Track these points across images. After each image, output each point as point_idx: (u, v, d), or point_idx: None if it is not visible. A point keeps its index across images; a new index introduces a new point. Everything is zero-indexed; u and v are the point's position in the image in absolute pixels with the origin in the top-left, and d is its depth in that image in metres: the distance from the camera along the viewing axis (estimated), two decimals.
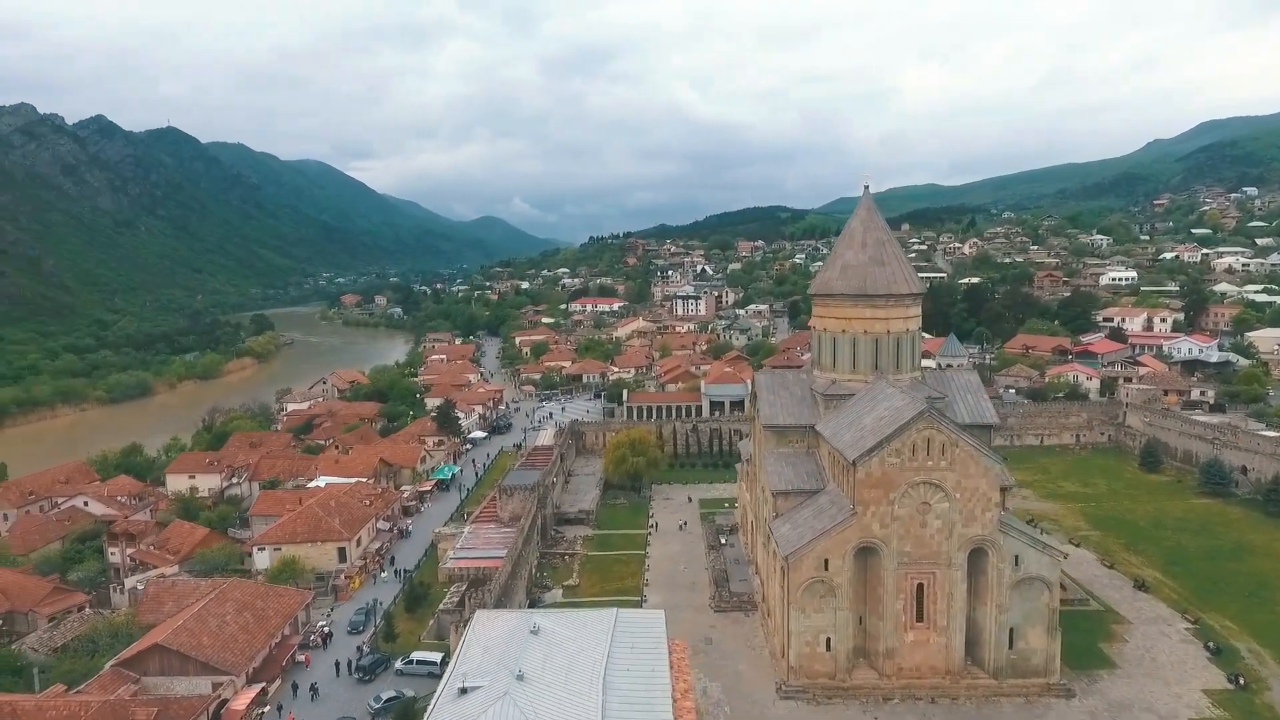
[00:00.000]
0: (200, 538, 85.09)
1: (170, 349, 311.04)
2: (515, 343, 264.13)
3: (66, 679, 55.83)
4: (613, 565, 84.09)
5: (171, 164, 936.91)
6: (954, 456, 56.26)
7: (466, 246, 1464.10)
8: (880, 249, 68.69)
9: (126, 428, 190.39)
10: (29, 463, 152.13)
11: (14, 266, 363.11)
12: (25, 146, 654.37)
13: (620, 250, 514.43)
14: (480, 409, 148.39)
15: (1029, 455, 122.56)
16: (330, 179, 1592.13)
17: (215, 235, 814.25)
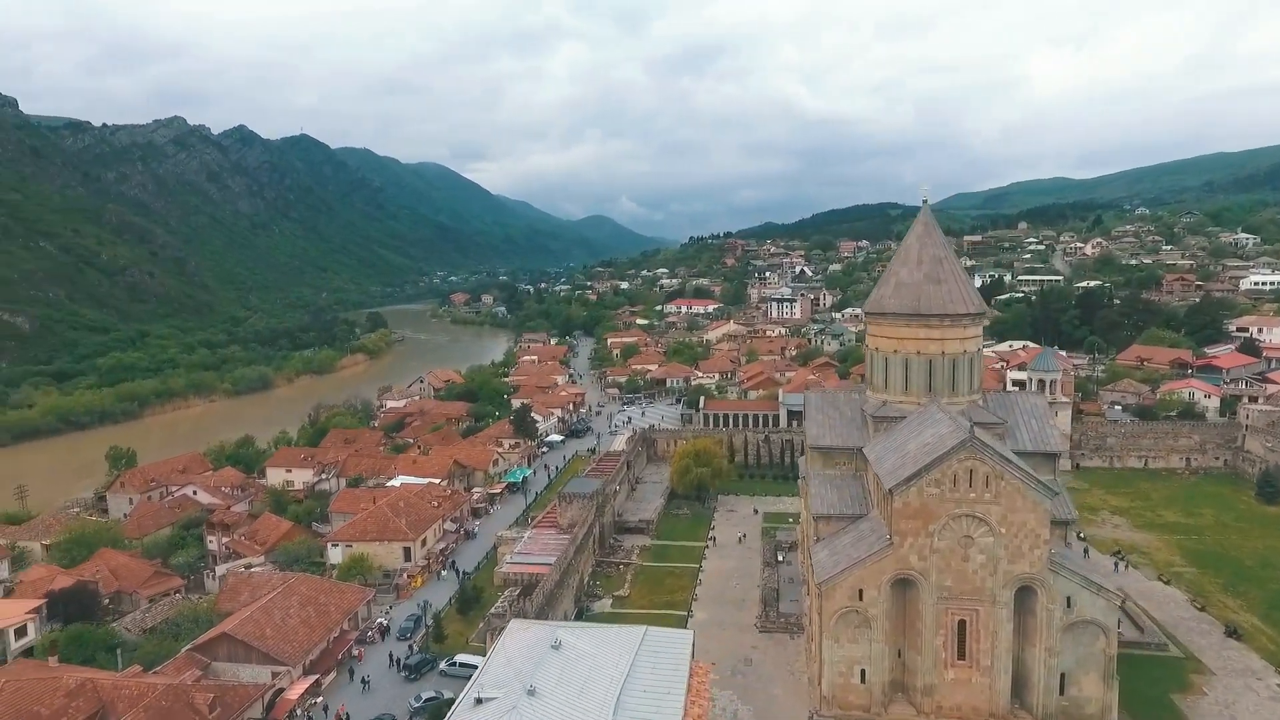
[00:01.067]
0: (285, 530, 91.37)
1: (292, 344, 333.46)
2: (607, 344, 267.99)
3: (147, 659, 61.49)
4: (665, 577, 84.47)
5: (303, 169, 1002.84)
6: (999, 489, 53.48)
7: (574, 245, 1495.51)
8: (937, 266, 66.00)
9: (247, 419, 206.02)
10: (162, 449, 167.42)
11: (163, 268, 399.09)
12: (177, 155, 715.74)
13: (719, 251, 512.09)
14: (559, 412, 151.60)
15: (1129, 479, 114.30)
16: (447, 181, 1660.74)
17: (340, 236, 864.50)
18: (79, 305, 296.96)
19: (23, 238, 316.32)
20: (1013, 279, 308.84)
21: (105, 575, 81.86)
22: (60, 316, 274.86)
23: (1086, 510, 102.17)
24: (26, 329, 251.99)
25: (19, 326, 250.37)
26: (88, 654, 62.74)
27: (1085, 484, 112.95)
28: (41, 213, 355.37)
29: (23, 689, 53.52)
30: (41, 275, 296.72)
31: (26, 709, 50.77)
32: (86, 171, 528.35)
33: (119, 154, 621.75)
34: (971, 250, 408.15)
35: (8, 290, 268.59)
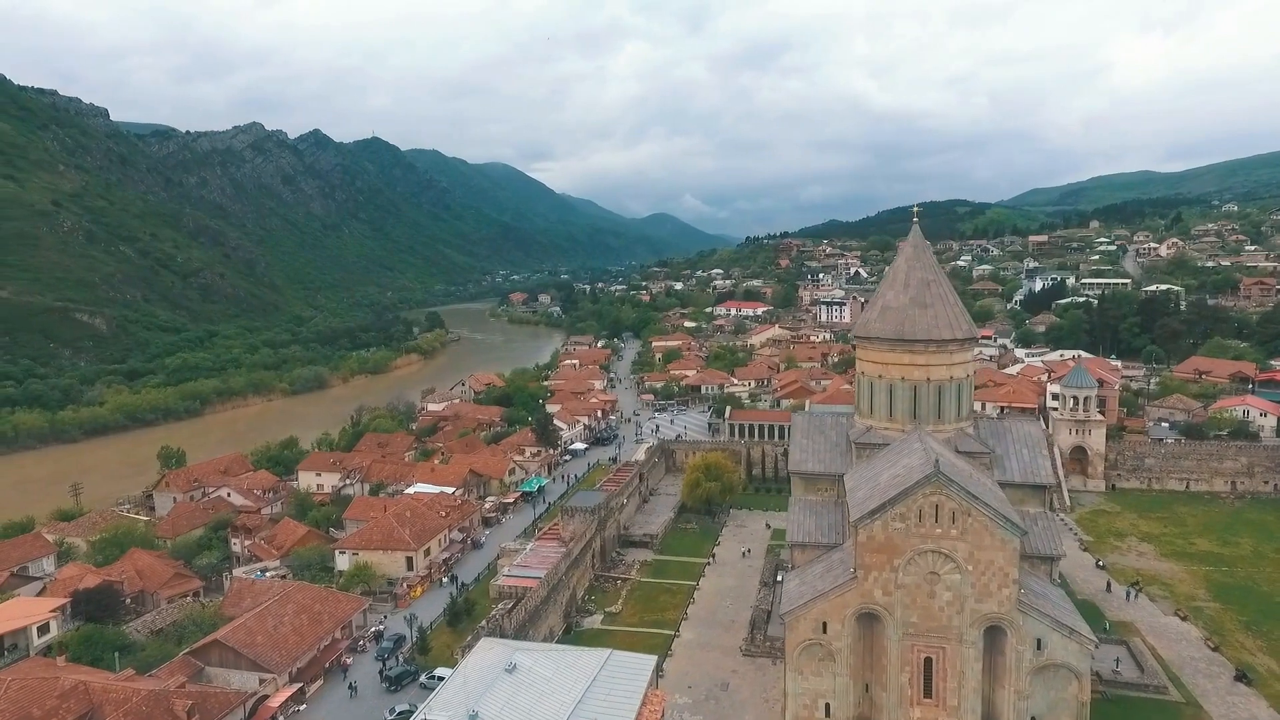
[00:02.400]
0: (300, 536, 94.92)
1: (351, 344, 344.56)
2: (651, 347, 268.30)
3: (147, 662, 64.95)
4: (660, 594, 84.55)
5: (373, 171, 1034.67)
6: (966, 525, 51.88)
7: (637, 243, 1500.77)
8: (924, 290, 64.35)
9: (299, 418, 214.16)
10: (219, 447, 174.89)
11: (234, 270, 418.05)
12: (254, 160, 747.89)
13: (775, 251, 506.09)
14: (586, 419, 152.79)
15: (1165, 502, 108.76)
16: (512, 180, 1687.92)
17: (406, 236, 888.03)
18: (154, 306, 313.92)
19: (105, 242, 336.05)
20: (1076, 282, 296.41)
21: (131, 575, 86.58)
22: (135, 317, 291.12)
23: (1113, 536, 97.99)
24: (104, 329, 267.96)
25: (97, 327, 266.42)
26: (96, 654, 66.58)
27: (1118, 506, 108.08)
28: (125, 218, 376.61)
29: (26, 687, 57.26)
30: (120, 278, 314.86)
31: (23, 708, 54.33)
32: (169, 177, 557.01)
33: (200, 159, 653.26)
34: (1036, 251, 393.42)
35: (89, 292, 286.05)
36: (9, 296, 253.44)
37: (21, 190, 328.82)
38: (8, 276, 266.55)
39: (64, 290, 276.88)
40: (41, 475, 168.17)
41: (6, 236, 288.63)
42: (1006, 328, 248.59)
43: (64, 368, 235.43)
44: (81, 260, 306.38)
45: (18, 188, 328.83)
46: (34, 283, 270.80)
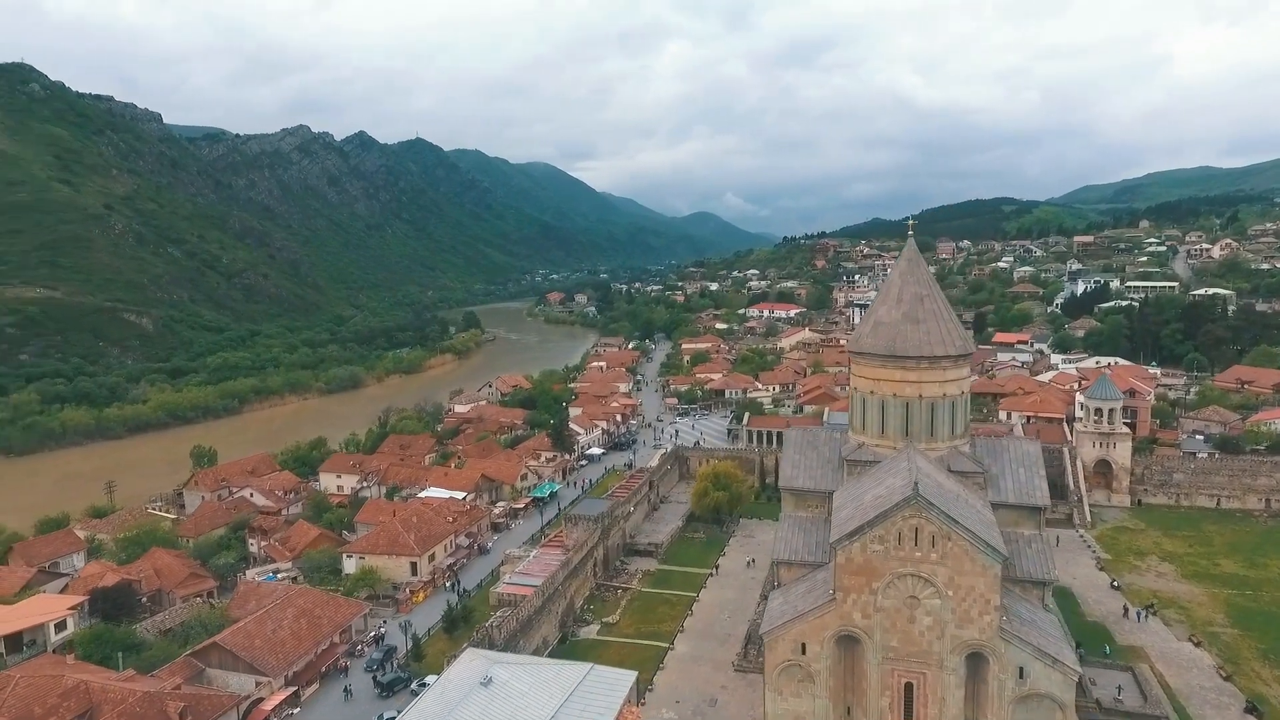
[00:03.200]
0: (312, 538, 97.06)
1: (388, 344, 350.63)
2: (680, 349, 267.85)
3: (151, 662, 67.12)
4: (659, 605, 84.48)
5: (417, 171, 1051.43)
6: (946, 550, 50.89)
7: (678, 242, 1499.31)
8: (917, 305, 63.07)
9: (333, 417, 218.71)
10: (254, 445, 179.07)
11: (278, 270, 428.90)
12: (301, 162, 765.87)
13: (811, 252, 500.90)
14: (604, 424, 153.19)
15: (1194, 520, 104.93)
16: (554, 180, 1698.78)
17: (449, 236, 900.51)
18: (199, 306, 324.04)
19: (154, 244, 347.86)
20: (1120, 285, 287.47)
21: (149, 574, 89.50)
22: (181, 317, 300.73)
23: (1133, 554, 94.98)
24: (150, 329, 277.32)
25: (144, 326, 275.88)
26: (105, 653, 69.04)
27: (1142, 523, 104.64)
28: (174, 220, 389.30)
29: (33, 685, 59.69)
30: (168, 279, 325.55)
31: (27, 705, 56.67)
32: (219, 179, 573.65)
33: (249, 162, 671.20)
34: (1081, 252, 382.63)
35: (137, 293, 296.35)
36: (62, 297, 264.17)
37: (77, 194, 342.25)
38: (61, 277, 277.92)
39: (114, 291, 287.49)
40: (86, 470, 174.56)
41: (61, 239, 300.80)
42: (1045, 332, 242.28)
43: (112, 366, 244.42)
44: (131, 262, 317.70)
45: (73, 192, 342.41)
46: (86, 283, 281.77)
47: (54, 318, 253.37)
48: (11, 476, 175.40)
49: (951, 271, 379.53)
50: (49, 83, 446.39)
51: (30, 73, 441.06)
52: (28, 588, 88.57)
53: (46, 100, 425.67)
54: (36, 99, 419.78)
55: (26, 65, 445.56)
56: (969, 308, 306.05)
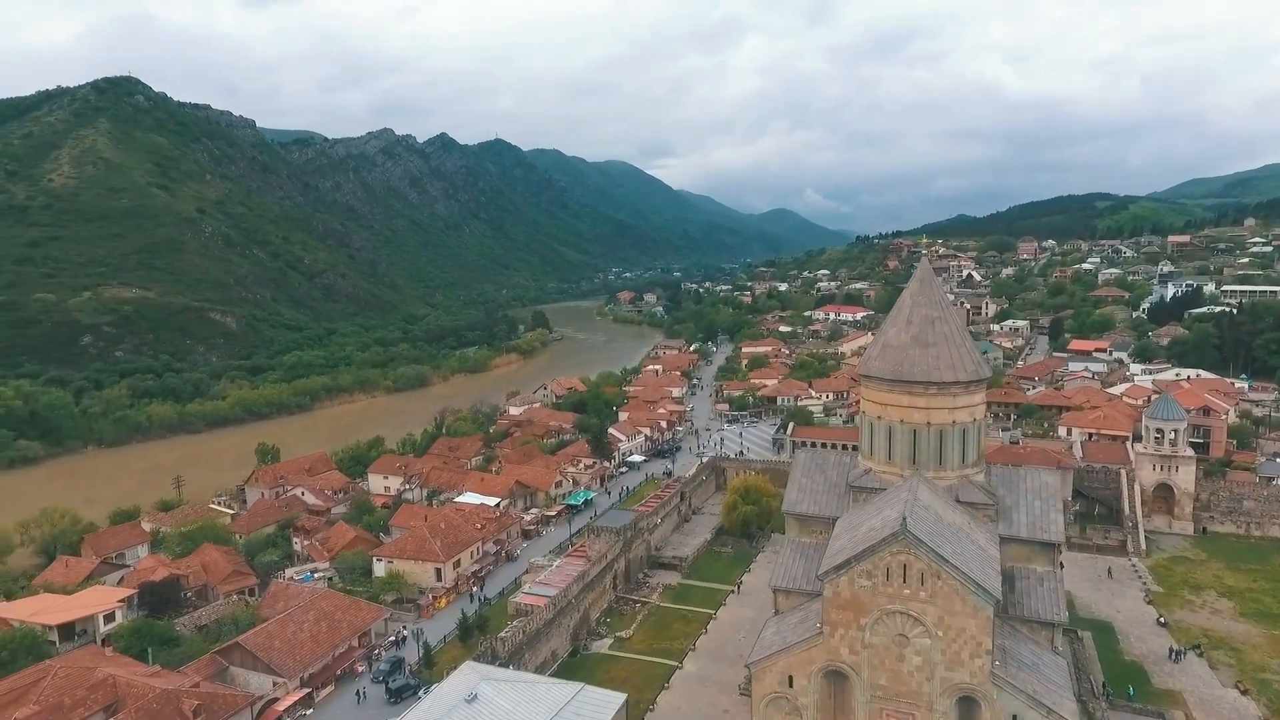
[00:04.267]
0: (349, 540, 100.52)
1: (457, 343, 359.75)
2: (740, 352, 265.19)
3: (178, 657, 70.96)
4: (675, 621, 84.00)
5: (495, 172, 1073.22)
6: (935, 589, 48.96)
7: (753, 240, 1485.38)
8: (927, 327, 60.72)
9: (398, 416, 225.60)
10: (322, 442, 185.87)
11: (356, 270, 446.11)
12: (384, 164, 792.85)
13: (884, 252, 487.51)
14: (648, 430, 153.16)
15: (1263, 552, 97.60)
16: (630, 178, 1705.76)
17: (524, 235, 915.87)
18: (280, 305, 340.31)
19: (241, 246, 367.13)
20: (1215, 289, 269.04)
21: (197, 569, 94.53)
22: (263, 316, 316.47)
23: (1188, 588, 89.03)
24: (234, 327, 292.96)
25: (228, 325, 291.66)
26: (142, 647, 73.37)
27: (1203, 554, 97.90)
28: (261, 223, 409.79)
29: (69, 676, 64.06)
30: (252, 279, 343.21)
31: (58, 695, 60.81)
32: (307, 182, 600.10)
33: (335, 165, 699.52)
34: (1175, 253, 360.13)
35: (224, 293, 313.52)
36: (154, 297, 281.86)
37: (173, 199, 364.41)
38: (155, 278, 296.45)
39: (202, 291, 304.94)
40: (166, 463, 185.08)
41: (158, 242, 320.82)
42: (1126, 340, 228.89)
43: (197, 363, 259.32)
44: (219, 263, 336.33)
45: (169, 197, 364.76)
46: (177, 284, 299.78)
47: (147, 317, 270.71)
48: (102, 467, 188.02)
49: (1031, 273, 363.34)
50: (152, 94, 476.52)
51: (136, 85, 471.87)
52: (90, 578, 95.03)
53: (149, 110, 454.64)
54: (141, 109, 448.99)
55: (133, 78, 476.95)
56: (1046, 312, 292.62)
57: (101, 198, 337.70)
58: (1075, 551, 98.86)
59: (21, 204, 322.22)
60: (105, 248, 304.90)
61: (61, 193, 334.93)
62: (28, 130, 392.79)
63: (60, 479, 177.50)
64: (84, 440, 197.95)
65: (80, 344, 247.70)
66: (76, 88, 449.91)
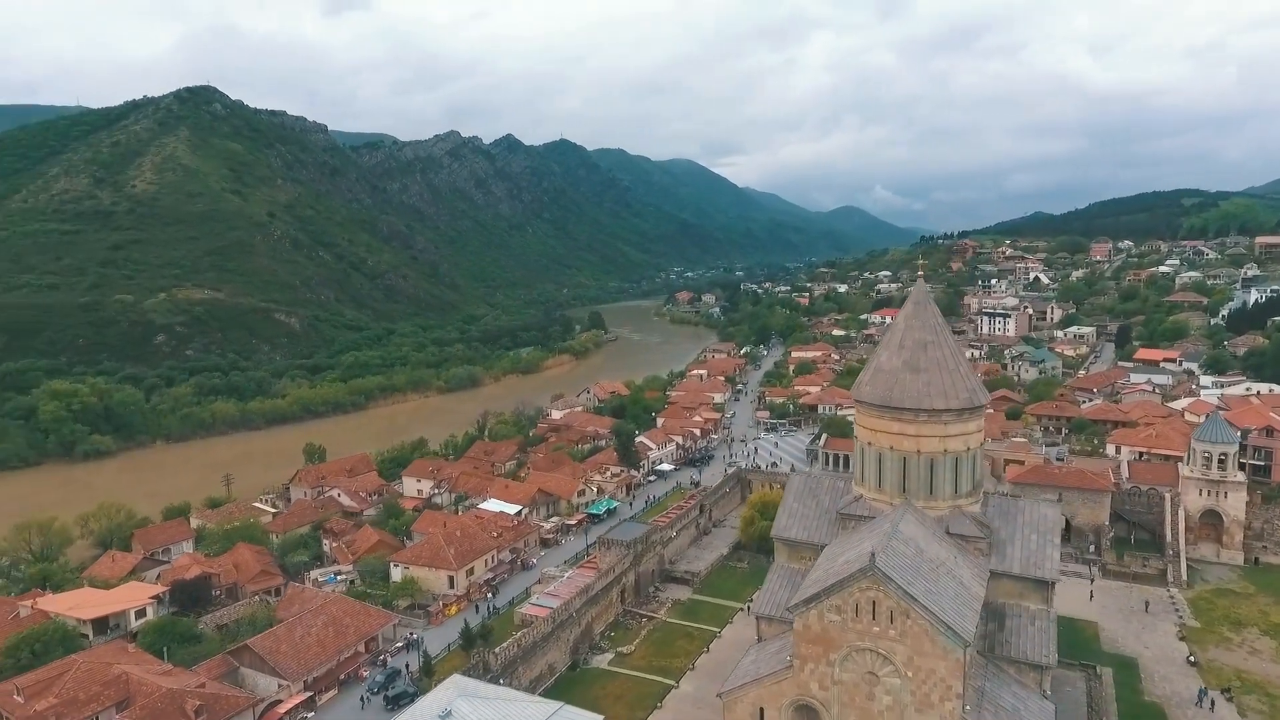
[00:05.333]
0: (373, 543, 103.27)
1: (512, 343, 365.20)
2: (789, 357, 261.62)
3: (195, 656, 74.25)
4: (679, 638, 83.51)
5: (559, 172, 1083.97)
6: (905, 627, 47.56)
7: (819, 238, 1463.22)
8: (919, 353, 58.98)
9: (447, 416, 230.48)
10: (369, 442, 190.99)
11: (418, 271, 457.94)
12: (451, 166, 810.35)
13: (948, 253, 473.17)
14: (680, 438, 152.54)
15: None
16: (695, 177, 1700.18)
17: (586, 234, 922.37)
18: (343, 306, 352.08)
19: (308, 248, 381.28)
20: None
21: (229, 568, 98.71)
22: (325, 316, 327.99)
23: (1228, 624, 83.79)
24: (297, 327, 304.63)
25: (291, 325, 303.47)
26: (164, 644, 77.08)
27: (1252, 587, 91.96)
28: (328, 225, 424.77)
29: (89, 671, 67.83)
30: (317, 280, 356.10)
31: (75, 690, 64.47)
32: (375, 184, 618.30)
33: (403, 167, 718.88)
34: (1264, 255, 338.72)
35: (289, 294, 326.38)
36: (224, 298, 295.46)
37: (245, 204, 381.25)
38: (226, 280, 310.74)
39: (270, 292, 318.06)
40: (226, 459, 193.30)
41: (229, 245, 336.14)
42: (1199, 349, 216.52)
43: (261, 362, 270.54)
44: (286, 265, 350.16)
45: (242, 201, 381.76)
46: (246, 285, 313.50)
47: (216, 317, 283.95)
48: (168, 461, 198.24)
49: (1102, 276, 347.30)
50: (229, 102, 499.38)
51: (214, 94, 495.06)
52: (133, 573, 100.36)
53: (226, 118, 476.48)
54: (218, 117, 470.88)
55: (211, 87, 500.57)
56: (1116, 318, 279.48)
57: (179, 202, 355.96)
58: (1110, 580, 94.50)
59: (107, 209, 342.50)
60: (181, 250, 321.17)
61: (143, 198, 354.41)
62: (116, 139, 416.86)
63: (128, 472, 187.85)
64: (152, 435, 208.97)
65: (154, 343, 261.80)
66: (160, 97, 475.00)
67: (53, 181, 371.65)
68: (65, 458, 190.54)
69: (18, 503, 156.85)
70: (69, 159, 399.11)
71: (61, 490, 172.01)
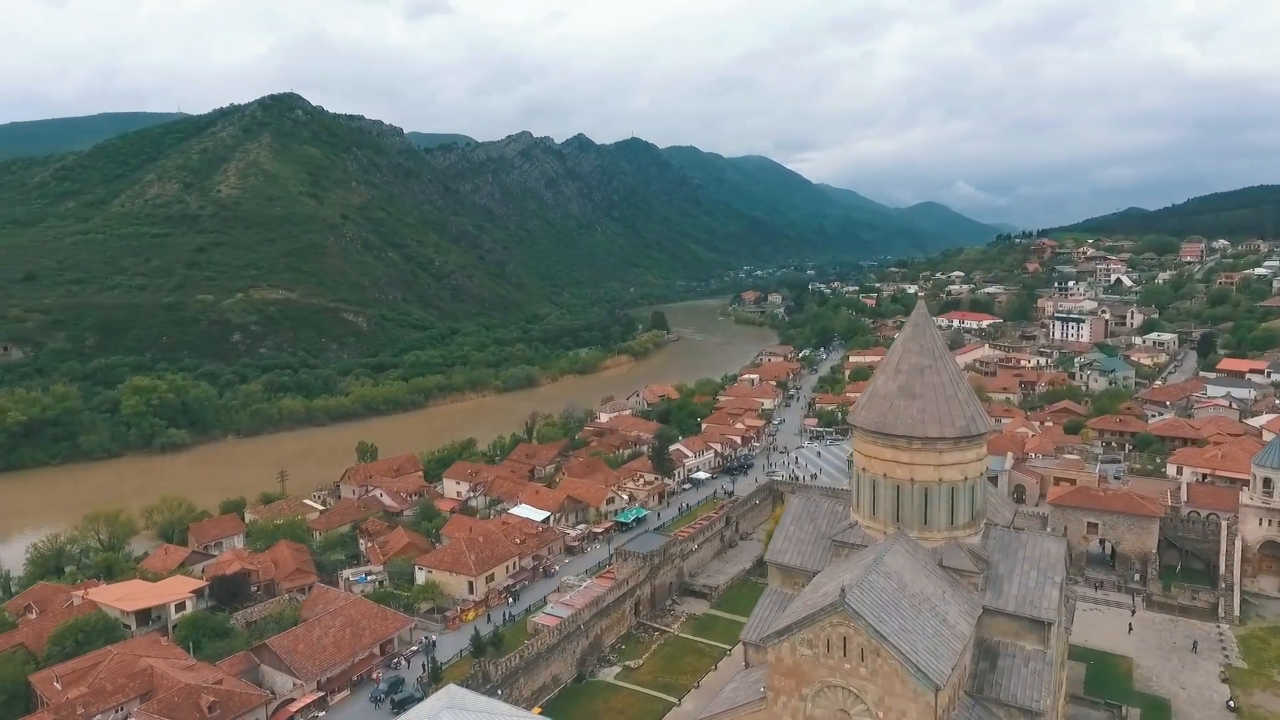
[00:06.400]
0: (403, 545, 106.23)
1: (573, 342, 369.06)
2: (845, 362, 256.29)
3: (220, 651, 78.01)
4: (689, 655, 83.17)
5: (630, 171, 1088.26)
6: (876, 666, 46.13)
7: (896, 236, 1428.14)
8: (915, 377, 56.97)
9: (505, 413, 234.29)
10: (425, 440, 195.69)
11: (484, 271, 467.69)
12: (522, 166, 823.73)
13: (1024, 252, 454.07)
14: (719, 446, 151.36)
15: None
16: (767, 173, 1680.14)
17: (655, 233, 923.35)
18: (409, 306, 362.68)
19: (378, 249, 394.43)
20: None
21: (268, 565, 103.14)
22: (392, 316, 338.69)
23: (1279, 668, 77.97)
24: (364, 326, 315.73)
25: (359, 325, 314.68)
26: (195, 638, 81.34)
27: None
28: (399, 227, 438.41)
29: (121, 662, 72.28)
30: (386, 281, 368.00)
31: (104, 680, 68.73)
32: (448, 185, 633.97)
33: (476, 168, 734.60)
34: None
35: (358, 294, 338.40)
36: (297, 299, 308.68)
37: (320, 207, 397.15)
38: (299, 280, 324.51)
39: (340, 292, 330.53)
40: (290, 454, 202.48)
41: (304, 247, 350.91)
42: None
43: (329, 360, 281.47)
44: (357, 266, 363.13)
45: (317, 204, 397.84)
46: (318, 285, 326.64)
47: (289, 316, 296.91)
48: (237, 455, 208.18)
49: (1191, 278, 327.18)
50: (310, 108, 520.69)
51: (296, 100, 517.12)
52: (182, 566, 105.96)
53: (307, 123, 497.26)
54: (299, 123, 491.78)
55: (294, 94, 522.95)
56: (1202, 324, 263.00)
57: (259, 206, 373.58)
58: (1154, 612, 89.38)
59: (194, 213, 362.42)
60: (259, 252, 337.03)
61: (226, 202, 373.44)
62: (205, 145, 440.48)
63: (200, 465, 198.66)
64: (224, 430, 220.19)
65: (230, 341, 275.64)
66: (246, 105, 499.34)
67: (147, 187, 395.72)
68: (144, 450, 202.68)
69: (97, 492, 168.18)
70: (163, 165, 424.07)
71: (139, 480, 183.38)
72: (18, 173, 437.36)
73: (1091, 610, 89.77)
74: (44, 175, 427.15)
